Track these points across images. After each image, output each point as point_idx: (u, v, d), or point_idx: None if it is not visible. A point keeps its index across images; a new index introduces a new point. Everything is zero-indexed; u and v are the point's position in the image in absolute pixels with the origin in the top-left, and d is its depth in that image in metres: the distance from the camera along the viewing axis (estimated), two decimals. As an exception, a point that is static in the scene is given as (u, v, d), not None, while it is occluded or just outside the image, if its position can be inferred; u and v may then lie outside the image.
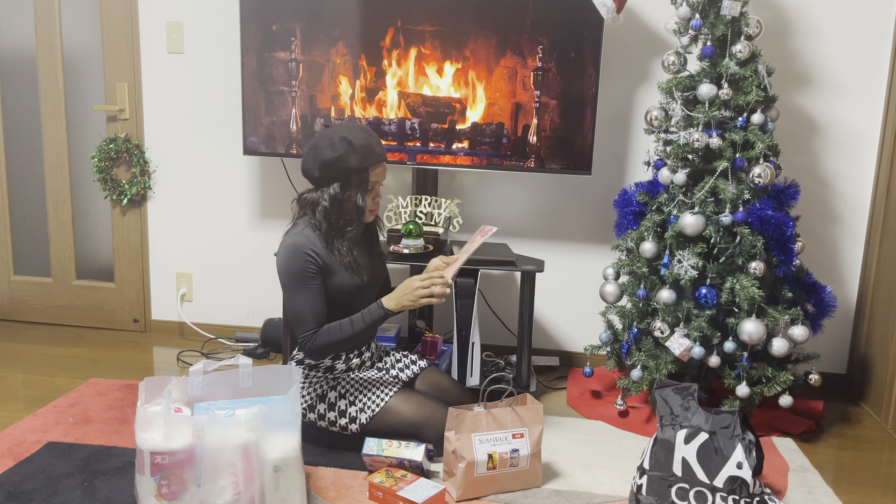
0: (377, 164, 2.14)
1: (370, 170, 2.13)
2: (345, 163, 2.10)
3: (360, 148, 2.10)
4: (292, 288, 2.10)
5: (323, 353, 2.11)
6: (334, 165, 2.10)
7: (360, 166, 2.11)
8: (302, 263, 2.09)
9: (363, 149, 2.10)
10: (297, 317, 2.10)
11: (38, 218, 3.38)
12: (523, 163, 2.79)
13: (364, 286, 2.20)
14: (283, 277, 2.12)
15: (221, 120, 3.15)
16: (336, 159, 2.09)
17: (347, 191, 2.13)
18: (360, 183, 2.13)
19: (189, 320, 3.32)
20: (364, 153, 2.11)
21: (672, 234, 2.40)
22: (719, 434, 1.91)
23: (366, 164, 2.11)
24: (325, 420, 2.20)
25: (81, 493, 1.97)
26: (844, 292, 2.96)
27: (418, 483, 1.95)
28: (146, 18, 3.10)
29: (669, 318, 2.42)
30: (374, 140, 2.15)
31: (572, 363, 3.15)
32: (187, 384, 1.90)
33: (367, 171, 2.13)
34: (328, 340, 2.09)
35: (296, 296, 2.10)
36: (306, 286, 2.10)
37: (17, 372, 2.86)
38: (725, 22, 2.38)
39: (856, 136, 2.86)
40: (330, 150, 2.10)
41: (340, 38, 2.77)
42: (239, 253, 3.26)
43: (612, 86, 2.92)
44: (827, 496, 2.14)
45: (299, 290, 2.10)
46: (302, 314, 2.10)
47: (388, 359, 2.41)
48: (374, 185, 2.17)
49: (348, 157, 2.09)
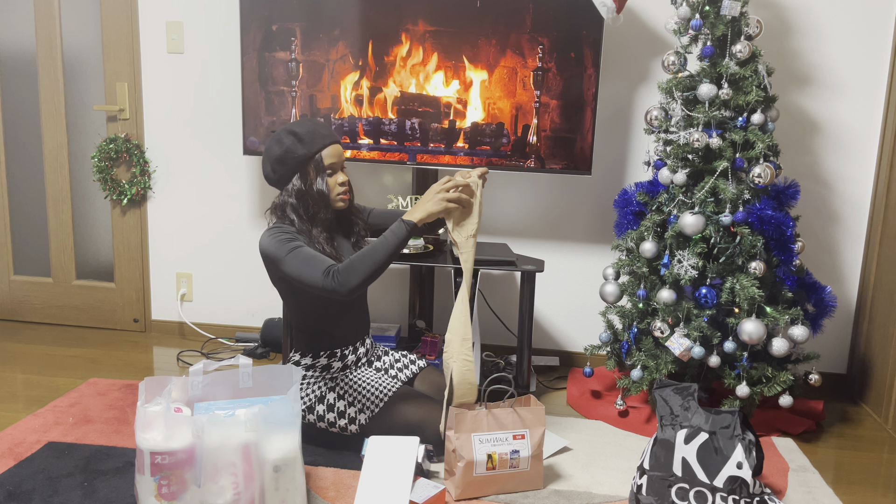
0: (326, 146, 2.15)
1: (322, 153, 2.14)
2: (294, 153, 2.12)
3: (304, 135, 2.13)
4: (285, 253, 2.04)
5: (353, 282, 1.96)
6: (285, 159, 2.13)
7: (309, 152, 2.13)
8: (282, 235, 2.08)
9: (308, 135, 2.13)
10: (306, 267, 2.01)
11: (38, 218, 3.38)
12: (523, 163, 2.79)
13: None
14: (272, 253, 2.07)
15: (221, 120, 3.15)
16: (284, 152, 2.12)
17: (307, 180, 2.14)
18: (316, 168, 2.14)
19: (189, 320, 3.32)
20: (310, 138, 2.13)
21: (672, 234, 2.40)
22: (719, 434, 1.91)
23: (314, 148, 2.13)
24: (324, 421, 2.20)
25: (81, 493, 1.97)
26: (844, 292, 2.96)
27: (418, 483, 1.95)
28: (146, 18, 3.10)
29: (669, 318, 2.42)
30: (318, 125, 2.17)
31: (572, 363, 3.15)
32: (187, 384, 1.90)
33: (320, 155, 2.14)
34: (354, 268, 1.97)
35: (293, 257, 2.03)
36: (298, 246, 2.05)
37: (17, 372, 2.86)
38: (725, 22, 2.38)
39: (856, 136, 2.86)
40: (278, 147, 2.13)
41: (340, 38, 2.77)
42: (239, 253, 3.26)
43: (612, 86, 2.92)
44: (827, 496, 2.14)
45: (293, 251, 2.04)
46: (308, 263, 2.01)
47: (387, 358, 2.41)
48: (334, 167, 2.17)
49: (296, 147, 2.12)
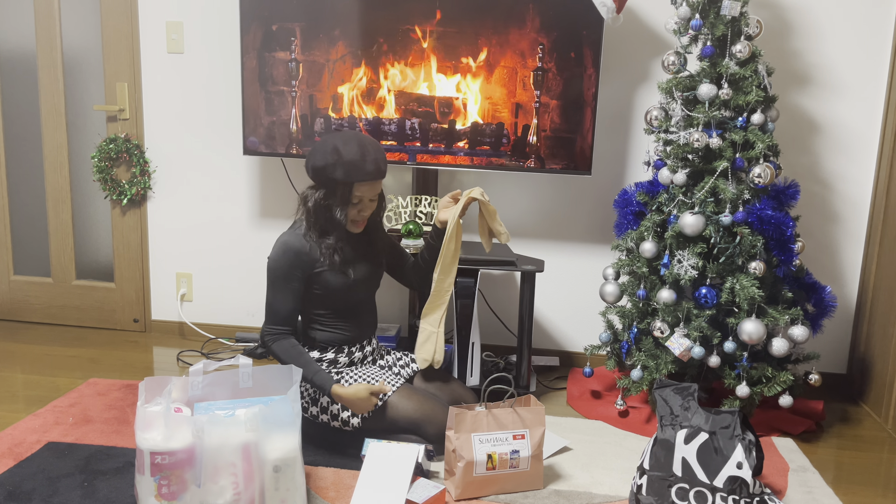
0: (364, 182, 2.11)
1: (355, 185, 2.10)
2: (330, 173, 2.09)
3: (347, 162, 2.07)
4: (274, 282, 2.18)
5: (272, 353, 2.19)
6: (320, 173, 2.12)
7: (343, 180, 2.09)
8: (289, 263, 2.15)
9: (350, 164, 2.07)
10: (270, 310, 2.19)
11: (38, 218, 3.38)
12: (523, 163, 2.79)
13: (351, 283, 2.22)
14: (269, 269, 2.19)
15: (221, 120, 3.15)
16: (322, 168, 2.10)
17: (329, 200, 2.13)
18: (342, 196, 2.12)
19: (189, 320, 3.32)
20: (350, 168, 2.07)
21: (672, 234, 2.40)
22: (719, 434, 1.91)
23: (350, 179, 2.09)
24: (327, 414, 2.21)
25: (81, 493, 1.97)
26: (844, 292, 2.96)
27: (418, 483, 1.95)
28: (146, 18, 3.10)
29: (669, 318, 2.42)
30: (368, 156, 2.09)
31: (572, 363, 3.15)
32: (187, 384, 1.90)
33: (351, 186, 2.10)
34: (282, 352, 2.16)
35: (275, 291, 2.18)
36: (287, 286, 2.17)
37: (17, 372, 2.86)
38: (725, 22, 2.38)
39: (856, 136, 2.86)
40: (321, 157, 2.10)
41: (340, 38, 2.77)
42: (239, 253, 3.26)
43: (612, 86, 2.92)
44: (827, 496, 2.14)
45: (280, 287, 2.17)
46: (274, 309, 2.18)
47: (389, 357, 2.42)
48: (362, 200, 2.15)
49: (334, 168, 2.08)
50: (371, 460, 1.97)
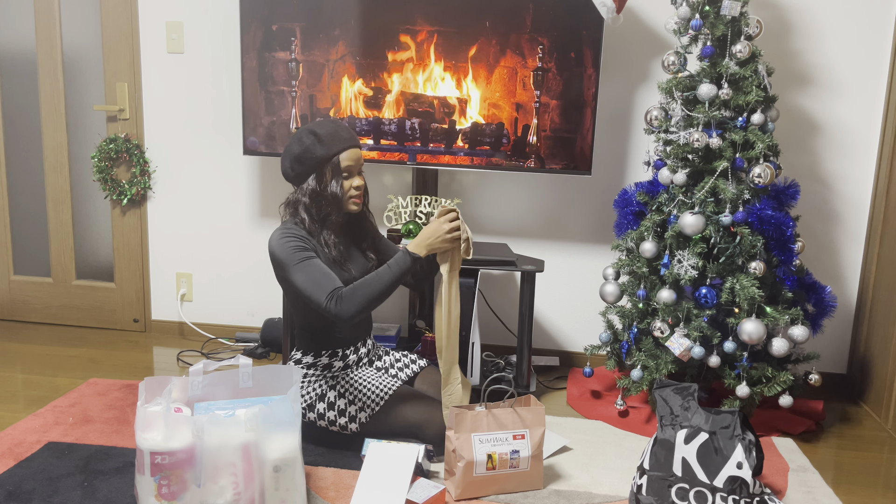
0: (346, 149, 2.15)
1: (340, 155, 2.15)
2: (313, 153, 2.12)
3: (325, 136, 2.13)
4: (295, 263, 2.07)
5: (353, 309, 2.02)
6: (303, 158, 2.13)
7: (328, 154, 2.13)
8: (295, 241, 2.10)
9: (329, 136, 2.13)
10: (312, 284, 2.04)
11: (38, 218, 3.38)
12: (523, 163, 2.79)
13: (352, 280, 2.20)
14: (281, 259, 2.09)
15: (221, 120, 3.15)
16: (303, 152, 2.13)
17: (323, 181, 2.15)
18: (333, 170, 2.15)
19: (189, 320, 3.32)
20: (330, 140, 2.13)
21: (672, 234, 2.40)
22: (719, 434, 1.91)
23: (333, 150, 2.13)
24: (324, 419, 2.20)
25: (81, 493, 1.97)
26: (844, 292, 2.96)
27: (418, 483, 1.95)
28: (146, 18, 3.10)
29: (669, 318, 2.42)
30: (340, 127, 2.17)
31: (572, 363, 3.15)
32: (187, 384, 1.90)
33: (338, 158, 2.14)
34: (357, 295, 2.02)
35: (301, 269, 2.06)
36: (308, 258, 2.08)
37: (17, 372, 2.86)
38: (725, 22, 2.38)
39: (856, 136, 2.86)
40: (297, 145, 2.14)
41: (340, 38, 2.77)
42: (239, 253, 3.26)
43: (612, 86, 2.92)
44: (827, 496, 2.14)
45: (302, 262, 2.07)
46: (315, 280, 2.04)
47: (388, 358, 2.41)
48: (350, 170, 2.17)
49: (315, 147, 2.12)
50: (371, 460, 1.97)
